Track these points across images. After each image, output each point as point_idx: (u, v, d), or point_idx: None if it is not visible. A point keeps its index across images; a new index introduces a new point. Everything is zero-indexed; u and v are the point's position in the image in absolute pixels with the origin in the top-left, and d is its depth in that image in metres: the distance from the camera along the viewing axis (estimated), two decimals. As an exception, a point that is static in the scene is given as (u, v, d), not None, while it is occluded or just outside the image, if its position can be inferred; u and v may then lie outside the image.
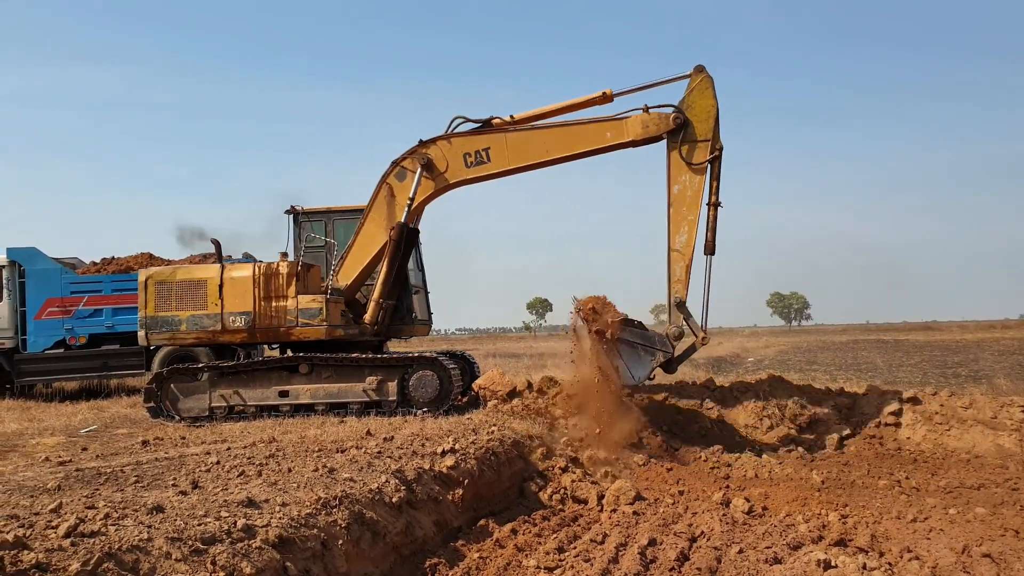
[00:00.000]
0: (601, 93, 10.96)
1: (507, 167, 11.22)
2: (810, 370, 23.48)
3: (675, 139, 10.57)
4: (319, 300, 11.37)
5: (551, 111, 11.30)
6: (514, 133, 11.19)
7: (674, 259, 10.57)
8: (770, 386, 11.50)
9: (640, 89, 10.88)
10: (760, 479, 8.73)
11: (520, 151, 11.13)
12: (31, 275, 17.49)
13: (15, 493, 5.88)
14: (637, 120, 10.70)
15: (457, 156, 11.30)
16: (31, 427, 11.06)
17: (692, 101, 10.55)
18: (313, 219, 13.12)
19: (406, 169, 11.53)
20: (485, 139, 11.24)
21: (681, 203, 10.53)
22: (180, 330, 11.75)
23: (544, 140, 11.06)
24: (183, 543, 4.51)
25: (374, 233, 11.68)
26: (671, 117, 10.54)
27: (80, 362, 17.61)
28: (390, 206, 11.55)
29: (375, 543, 5.80)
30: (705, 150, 10.48)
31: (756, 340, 56.70)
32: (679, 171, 10.55)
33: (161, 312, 11.82)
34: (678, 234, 10.53)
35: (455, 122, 11.43)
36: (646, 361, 10.62)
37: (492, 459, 8.07)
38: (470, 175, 11.34)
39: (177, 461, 7.39)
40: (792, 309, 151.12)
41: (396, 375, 11.46)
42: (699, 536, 6.54)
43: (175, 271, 12.09)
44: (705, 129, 10.47)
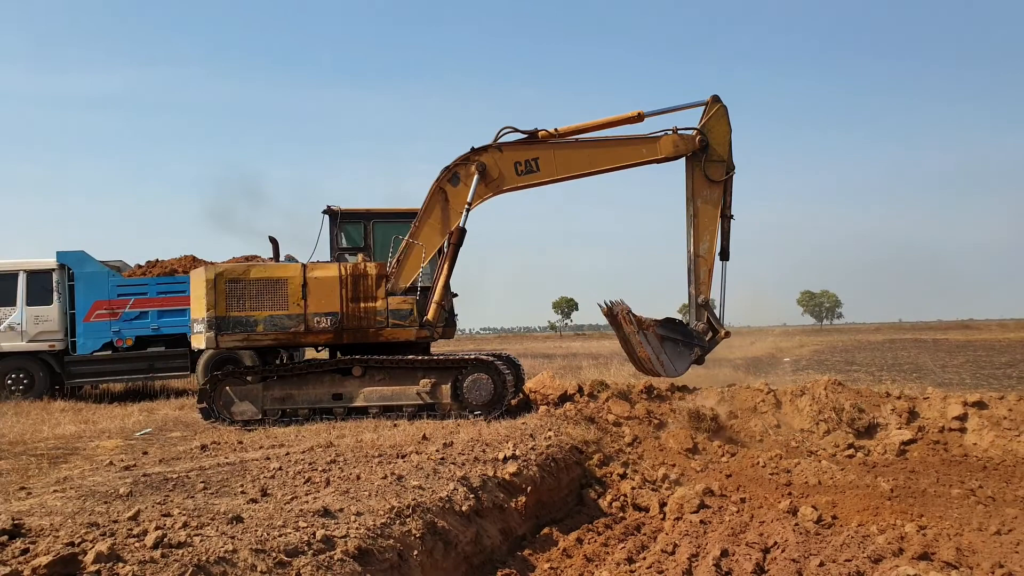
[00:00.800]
0: (636, 113, 12.25)
1: (554, 177, 12.11)
2: (850, 371, 23.14)
3: (698, 158, 12.00)
4: (410, 302, 11.53)
5: (590, 126, 12.37)
6: (561, 147, 12.14)
7: (699, 264, 12.03)
8: (825, 389, 11.28)
9: (665, 112, 12.29)
10: (823, 486, 8.56)
11: (567, 163, 12.14)
12: (80, 278, 17.71)
13: (88, 499, 5.91)
14: (669, 140, 12.03)
15: (509, 165, 11.98)
16: (87, 429, 11.16)
17: (711, 126, 12.04)
18: (351, 220, 13.04)
19: (460, 175, 11.92)
20: (534, 150, 12.01)
21: (704, 215, 12.00)
22: (256, 331, 11.29)
23: (588, 154, 12.23)
24: (267, 555, 4.48)
25: (430, 236, 11.89)
26: (696, 138, 11.94)
27: (127, 364, 17.81)
28: (444, 210, 11.87)
29: (447, 553, 5.75)
30: (722, 169, 12.03)
31: (789, 340, 56.02)
32: (701, 186, 12.02)
33: (233, 312, 11.28)
34: (702, 242, 12.01)
35: (503, 132, 12.06)
36: (685, 355, 11.93)
37: (552, 466, 7.99)
38: (520, 183, 12.06)
39: (239, 467, 7.39)
40: (823, 308, 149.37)
41: (449, 378, 11.36)
42: (772, 547, 6.41)
43: (249, 269, 11.58)
44: (722, 151, 12.04)
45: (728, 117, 12.13)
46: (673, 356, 11.82)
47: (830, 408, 10.86)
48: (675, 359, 11.84)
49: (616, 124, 12.37)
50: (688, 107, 12.26)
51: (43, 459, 8.48)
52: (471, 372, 11.34)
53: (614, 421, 10.20)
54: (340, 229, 12.85)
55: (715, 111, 12.06)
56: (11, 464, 8.08)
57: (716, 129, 12.04)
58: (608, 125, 12.39)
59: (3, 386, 17.23)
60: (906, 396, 11.25)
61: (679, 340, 11.91)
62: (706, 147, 11.96)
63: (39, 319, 17.51)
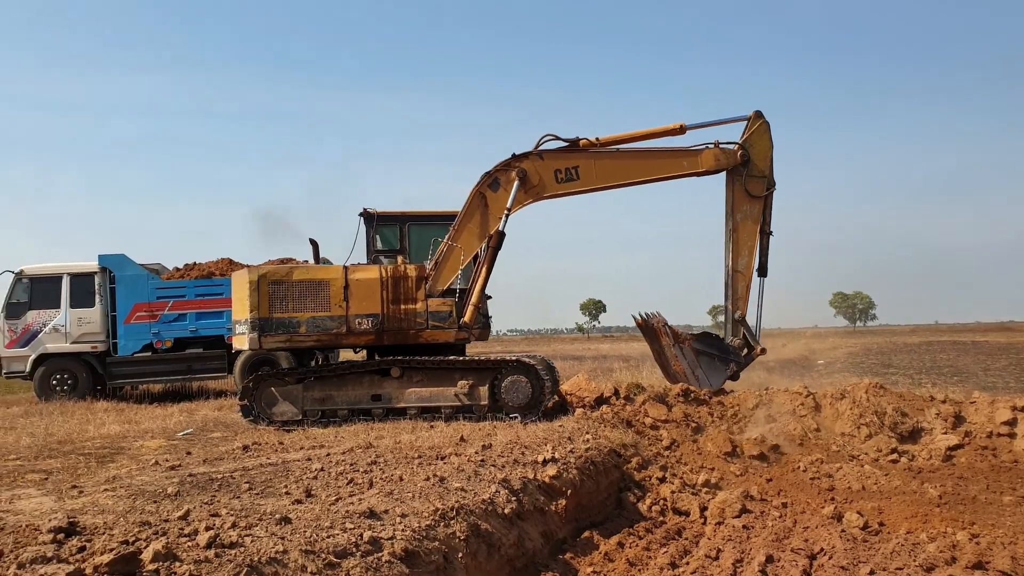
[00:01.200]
0: (678, 126, 12.23)
1: (594, 186, 12.24)
2: (887, 374, 22.77)
3: (738, 173, 12.07)
4: (449, 304, 11.64)
5: (631, 137, 12.40)
6: (602, 156, 12.23)
7: (737, 279, 12.13)
8: (866, 392, 11.11)
9: (707, 125, 12.33)
10: (868, 492, 8.43)
11: (607, 173, 12.25)
12: (121, 281, 18.05)
13: (138, 498, 6.01)
14: (710, 154, 12.07)
15: (549, 172, 12.08)
16: (131, 429, 11.36)
17: (752, 141, 12.09)
18: (387, 223, 13.21)
19: (500, 180, 12.05)
20: (575, 159, 12.11)
21: (743, 230, 12.10)
22: (299, 332, 11.37)
23: (629, 165, 12.32)
24: (316, 556, 4.52)
25: (468, 240, 12.03)
26: (737, 153, 12.01)
27: (166, 365, 18.12)
28: (483, 215, 11.99)
29: (491, 556, 5.76)
30: (763, 184, 12.09)
31: (822, 341, 55.19)
32: (741, 201, 12.09)
33: (276, 314, 11.34)
34: (740, 257, 12.08)
35: (544, 139, 12.14)
36: (721, 370, 12.08)
37: (591, 469, 7.96)
38: (560, 190, 12.17)
39: (281, 467, 7.46)
40: (856, 309, 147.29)
41: (487, 379, 11.40)
42: (819, 553, 6.33)
43: (291, 271, 11.67)
44: (764, 166, 12.09)
45: (770, 133, 12.16)
46: (709, 371, 12.02)
47: (872, 412, 10.68)
48: (711, 374, 12.03)
49: (657, 135, 12.43)
50: (730, 121, 12.31)
51: (91, 458, 8.65)
52: (509, 374, 11.37)
53: (651, 424, 10.14)
54: (376, 231, 13.07)
55: (757, 126, 12.09)
56: (61, 463, 8.25)
57: (758, 144, 12.08)
58: (649, 136, 12.44)
59: (49, 386, 17.61)
60: (951, 400, 11.04)
61: (715, 355, 12.08)
62: (747, 162, 12.03)
63: (82, 321, 17.88)
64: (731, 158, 12.04)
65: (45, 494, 6.44)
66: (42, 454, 9.00)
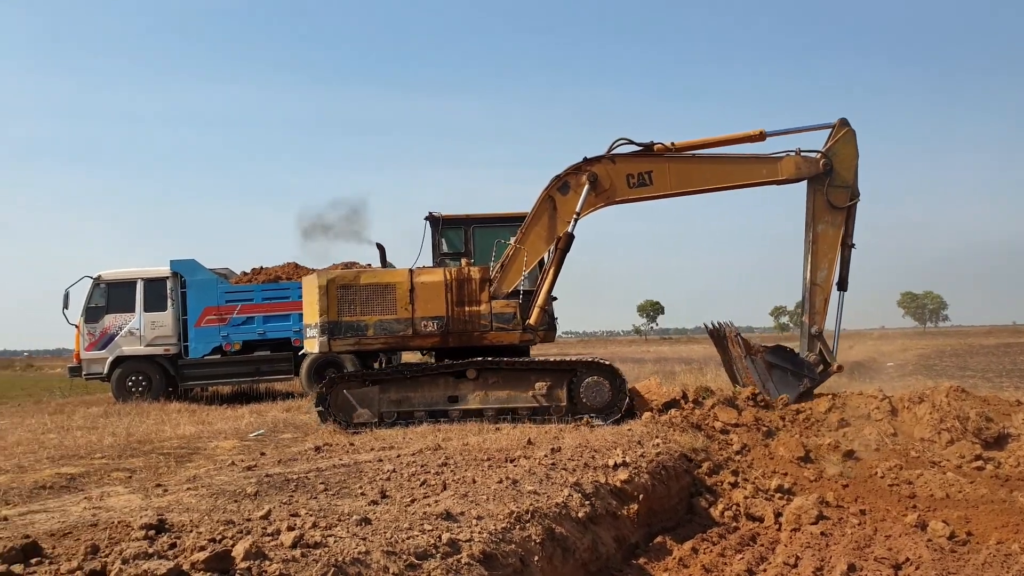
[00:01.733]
0: (758, 132, 11.87)
1: (667, 191, 11.91)
2: (964, 376, 22.00)
3: (820, 182, 11.63)
4: (513, 305, 11.64)
5: (709, 142, 12.09)
6: (677, 161, 11.87)
7: (815, 292, 11.71)
8: (947, 396, 10.73)
9: (789, 132, 11.94)
10: (952, 500, 8.14)
11: (681, 178, 11.87)
12: (191, 285, 18.59)
13: (219, 497, 6.15)
14: (791, 162, 11.65)
15: (621, 176, 11.86)
16: (205, 430, 11.67)
17: (837, 149, 11.63)
18: (452, 226, 13.33)
19: (570, 184, 11.91)
20: (648, 163, 11.85)
21: (824, 242, 11.65)
22: (367, 335, 11.52)
23: (705, 171, 11.96)
24: (398, 557, 4.55)
25: (536, 244, 11.98)
26: (820, 162, 11.58)
27: (235, 367, 18.61)
28: (552, 218, 11.89)
29: (566, 560, 5.73)
30: (846, 195, 11.61)
31: (890, 343, 53.80)
32: (823, 212, 11.65)
33: (345, 317, 11.52)
34: (819, 269, 11.65)
35: (617, 143, 11.92)
36: (794, 384, 11.64)
37: (662, 473, 7.87)
38: (631, 195, 11.94)
39: (354, 468, 7.55)
40: (927, 310, 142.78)
41: (564, 381, 11.41)
42: (904, 563, 6.14)
43: (358, 275, 11.81)
44: (847, 176, 11.61)
45: (856, 142, 11.71)
46: (781, 385, 11.63)
47: (953, 416, 10.31)
48: (782, 388, 11.63)
49: (736, 142, 12.11)
50: (813, 128, 11.94)
51: (170, 458, 8.93)
52: (587, 375, 11.39)
53: (721, 428, 9.98)
54: (441, 235, 13.14)
55: (843, 134, 11.66)
56: (143, 462, 8.53)
57: (842, 153, 11.64)
58: (728, 142, 12.14)
59: (125, 387, 18.24)
60: (1038, 405, 10.62)
61: (788, 369, 11.66)
62: (830, 171, 11.60)
63: (155, 324, 18.48)
64: (813, 167, 11.64)
65: (132, 492, 6.66)
66: (124, 453, 9.31)
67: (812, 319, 11.71)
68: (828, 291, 11.65)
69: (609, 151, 11.89)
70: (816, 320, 11.68)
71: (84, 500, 6.19)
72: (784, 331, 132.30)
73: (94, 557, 4.00)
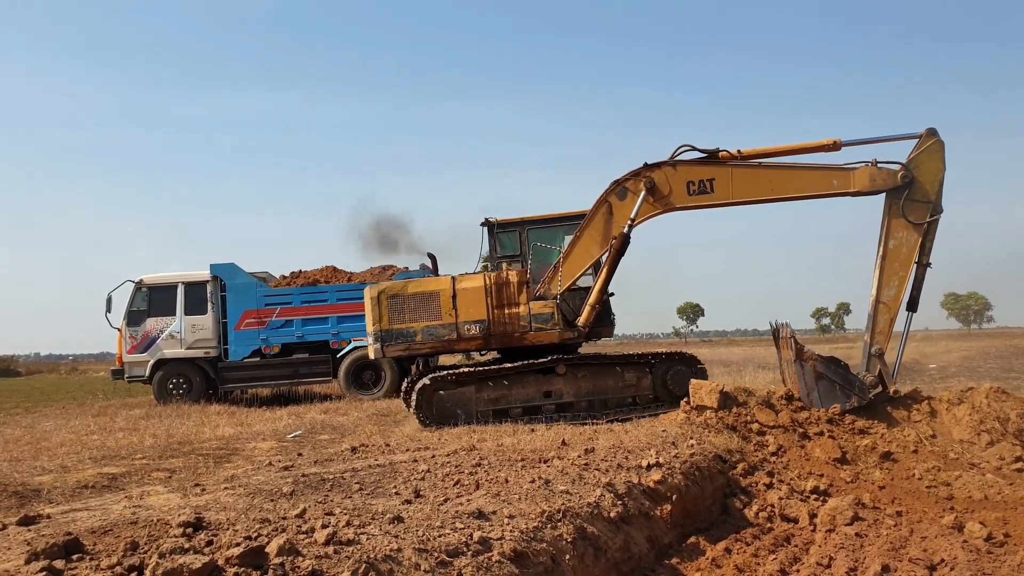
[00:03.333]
0: (832, 141, 11.30)
1: (729, 200, 11.53)
2: (1009, 378, 21.47)
3: (898, 195, 10.88)
4: (551, 306, 12.08)
5: (777, 151, 11.56)
6: (740, 169, 11.50)
7: (880, 311, 11.01)
8: (987, 397, 10.53)
9: (867, 142, 11.30)
10: (991, 502, 7.99)
11: (745, 187, 11.47)
12: (231, 289, 18.94)
13: (256, 496, 6.29)
14: (865, 173, 11.01)
15: (681, 183, 11.61)
16: (243, 431, 11.91)
17: (920, 162, 10.84)
18: (507, 230, 13.75)
19: (628, 190, 11.87)
20: (711, 170, 11.53)
21: (895, 259, 10.92)
22: (416, 341, 12.32)
23: (770, 180, 11.44)
24: (429, 554, 4.63)
25: (589, 246, 12.12)
26: (899, 175, 10.86)
27: (274, 370, 18.91)
28: (607, 223, 11.93)
29: (598, 559, 5.76)
30: (926, 211, 10.80)
31: (933, 345, 52.68)
32: (898, 227, 10.90)
33: (396, 325, 12.34)
34: (888, 287, 10.95)
35: (681, 149, 11.69)
36: (840, 400, 10.97)
37: (696, 474, 7.85)
38: (691, 203, 11.65)
39: (389, 469, 7.66)
40: (971, 311, 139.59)
41: (646, 372, 12.59)
42: (939, 564, 6.05)
43: (406, 285, 12.69)
44: (930, 190, 10.80)
45: (943, 154, 10.86)
46: (826, 396, 11.03)
47: (993, 418, 10.12)
48: (826, 399, 11.03)
49: (808, 151, 11.54)
50: (896, 139, 11.21)
51: (209, 458, 9.13)
52: (674, 365, 12.65)
53: (757, 430, 9.90)
54: (496, 239, 13.63)
55: (929, 145, 10.86)
56: (183, 462, 8.74)
57: (926, 166, 10.84)
58: (799, 152, 11.59)
59: (166, 390, 18.64)
60: (1081, 406, 10.37)
61: (837, 384, 11.05)
62: (909, 184, 10.85)
63: (195, 327, 18.87)
64: (890, 179, 10.91)
65: (171, 491, 6.84)
66: (165, 454, 9.55)
67: (874, 338, 11.06)
68: (895, 311, 10.96)
69: (672, 157, 11.68)
70: (878, 339, 11.02)
71: (125, 499, 6.38)
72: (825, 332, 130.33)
73: (133, 553, 4.14)
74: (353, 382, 18.63)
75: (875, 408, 11.01)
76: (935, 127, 10.89)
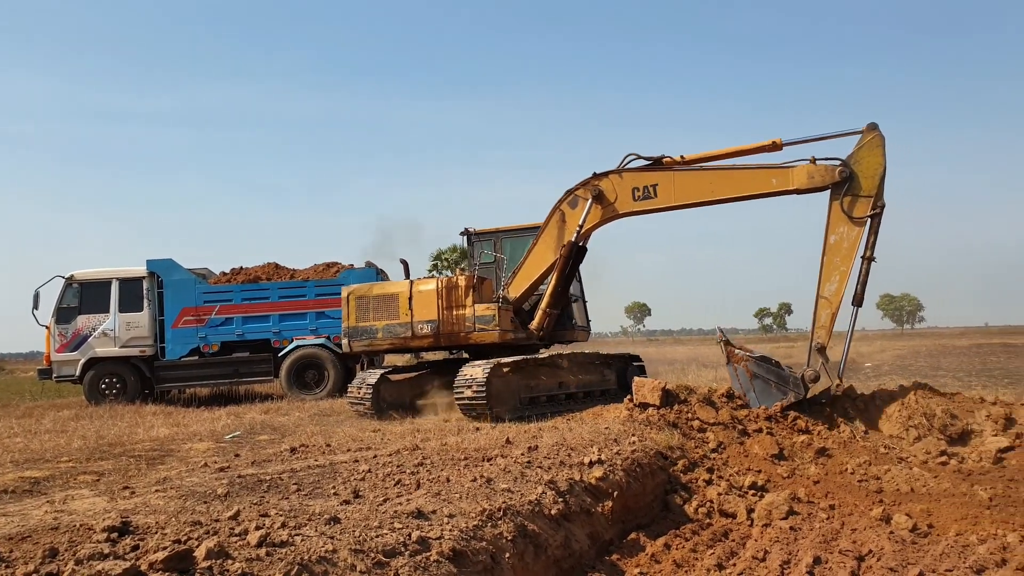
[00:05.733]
0: (771, 142, 11.54)
1: (672, 204, 11.91)
2: (936, 376, 22.26)
3: (838, 191, 10.97)
4: (492, 308, 12.68)
5: (720, 155, 11.84)
6: (682, 172, 11.82)
7: (821, 305, 11.14)
8: (915, 394, 10.88)
9: (809, 141, 11.44)
10: (917, 494, 8.25)
11: (686, 190, 11.81)
12: (168, 286, 18.45)
13: (188, 498, 6.13)
14: (803, 170, 11.17)
15: (626, 189, 12.08)
16: (179, 432, 11.59)
17: (861, 156, 10.89)
18: (484, 239, 15.02)
19: (579, 197, 12.43)
20: (655, 176, 11.96)
21: (836, 253, 10.98)
22: (377, 338, 13.35)
23: (711, 181, 11.72)
24: (365, 555, 4.56)
25: (544, 253, 12.89)
26: (837, 171, 10.95)
27: (213, 369, 18.47)
28: (560, 230, 12.62)
29: (538, 557, 5.75)
30: (867, 205, 10.83)
31: (868, 344, 54.38)
32: (838, 222, 10.97)
33: (361, 323, 13.43)
34: (828, 282, 11.04)
35: (628, 158, 12.16)
36: (776, 397, 11.14)
37: (637, 471, 7.91)
38: (636, 208, 12.10)
39: (329, 469, 7.55)
40: (904, 311, 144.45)
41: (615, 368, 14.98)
42: (867, 555, 6.22)
43: (372, 287, 13.89)
44: (870, 185, 10.82)
45: (883, 148, 10.82)
46: (762, 395, 11.21)
47: (921, 414, 10.46)
48: (763, 398, 11.20)
49: (749, 153, 11.73)
50: (838, 135, 11.24)
51: (141, 460, 8.85)
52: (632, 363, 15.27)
53: (698, 427, 10.04)
54: (475, 247, 14.94)
55: (869, 140, 10.86)
56: (112, 465, 8.45)
57: (866, 160, 10.82)
58: (740, 154, 11.78)
59: (98, 390, 18.06)
60: (1002, 402, 10.80)
61: (772, 381, 11.19)
62: (848, 179, 10.88)
63: (130, 325, 18.32)
64: (828, 175, 10.97)
65: (98, 495, 6.60)
66: (93, 456, 9.23)
67: (815, 332, 11.17)
68: (836, 305, 10.98)
69: (620, 165, 12.15)
70: (819, 334, 11.10)
71: (46, 504, 6.14)
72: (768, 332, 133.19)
73: (52, 560, 3.97)
74: (295, 382, 18.32)
75: (817, 403, 11.32)
76: (876, 122, 10.93)
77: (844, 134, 11.16)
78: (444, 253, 43.20)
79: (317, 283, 18.81)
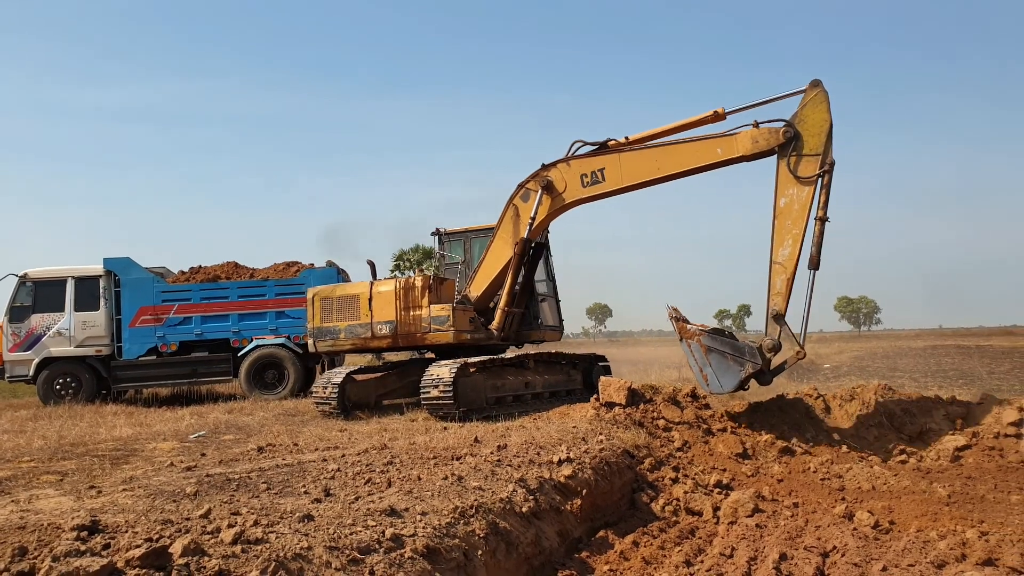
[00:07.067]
0: (713, 112, 11.25)
1: (620, 185, 11.78)
2: (893, 377, 22.78)
3: (785, 152, 10.53)
4: (447, 309, 12.61)
5: (664, 131, 11.66)
6: (627, 153, 11.68)
7: (775, 271, 10.52)
8: (875, 394, 11.15)
9: (753, 106, 10.95)
10: (878, 492, 8.46)
11: (633, 170, 11.64)
12: (126, 284, 18.10)
13: (157, 497, 6.04)
14: (747, 135, 10.79)
15: (575, 177, 12.03)
16: (142, 432, 11.40)
17: (805, 115, 10.47)
18: (453, 239, 15.08)
19: (530, 191, 12.38)
20: (601, 160, 11.87)
21: (786, 216, 10.45)
22: (339, 338, 13.45)
23: (656, 158, 11.47)
24: (340, 552, 4.56)
25: (501, 249, 12.81)
26: (781, 131, 10.55)
27: (171, 369, 18.16)
28: (515, 224, 12.56)
29: (509, 553, 5.79)
30: (815, 164, 10.35)
31: (827, 346, 55.31)
32: (786, 184, 10.49)
33: (325, 324, 13.56)
34: (781, 247, 10.47)
35: (575, 146, 12.07)
36: (735, 371, 10.63)
37: (605, 469, 7.99)
38: (586, 194, 12.02)
39: (298, 468, 7.49)
40: (861, 314, 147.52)
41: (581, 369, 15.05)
42: (832, 551, 6.36)
43: (335, 289, 14.04)
44: (816, 143, 10.36)
45: (827, 104, 10.35)
46: (719, 371, 10.72)
47: (880, 413, 10.74)
48: (721, 375, 10.71)
49: (693, 126, 11.43)
50: (781, 97, 10.77)
51: (105, 460, 8.69)
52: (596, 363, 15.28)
53: (664, 426, 10.17)
54: (444, 247, 15.07)
55: (812, 97, 10.42)
56: (76, 464, 8.29)
57: (811, 118, 10.39)
58: (684, 128, 11.49)
59: (52, 390, 17.65)
60: (958, 402, 11.11)
61: (727, 354, 10.66)
62: (794, 139, 10.45)
63: (86, 325, 17.93)
64: (773, 137, 10.54)
65: (63, 494, 6.47)
66: (56, 456, 9.04)
67: (771, 299, 10.57)
68: (791, 270, 10.38)
69: (567, 154, 12.07)
70: (775, 301, 10.49)
71: (11, 503, 6.00)
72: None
73: (22, 559, 3.89)
74: (255, 382, 18.10)
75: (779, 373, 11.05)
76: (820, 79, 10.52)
77: (788, 95, 10.72)
78: (406, 254, 42.97)
79: (277, 283, 18.59)
